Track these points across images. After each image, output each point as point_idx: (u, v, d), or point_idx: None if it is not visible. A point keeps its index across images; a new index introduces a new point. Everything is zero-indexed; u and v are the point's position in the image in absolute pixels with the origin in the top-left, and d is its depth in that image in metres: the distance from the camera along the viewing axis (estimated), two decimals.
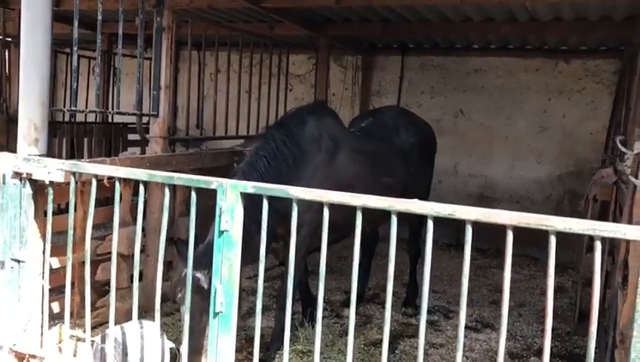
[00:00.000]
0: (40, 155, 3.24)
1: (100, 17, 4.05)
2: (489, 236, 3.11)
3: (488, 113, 8.33)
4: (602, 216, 4.81)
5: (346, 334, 2.48)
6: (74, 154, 7.60)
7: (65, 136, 7.58)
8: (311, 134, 4.20)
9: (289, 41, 7.89)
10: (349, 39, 8.24)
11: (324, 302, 2.58)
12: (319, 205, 2.48)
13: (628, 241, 2.99)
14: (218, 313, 2.60)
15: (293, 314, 2.79)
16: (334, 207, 2.47)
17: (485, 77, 8.36)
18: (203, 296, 3.03)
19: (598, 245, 1.90)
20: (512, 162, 8.27)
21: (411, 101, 8.62)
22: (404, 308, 5.40)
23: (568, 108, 7.98)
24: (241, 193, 2.57)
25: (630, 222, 3.30)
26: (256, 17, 7.17)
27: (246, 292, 5.32)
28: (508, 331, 2.73)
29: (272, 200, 2.59)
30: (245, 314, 4.84)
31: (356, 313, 2.68)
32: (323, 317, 2.57)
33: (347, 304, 4.20)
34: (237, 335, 2.75)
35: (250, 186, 2.57)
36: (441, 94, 8.60)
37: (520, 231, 2.06)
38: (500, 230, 2.10)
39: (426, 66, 8.70)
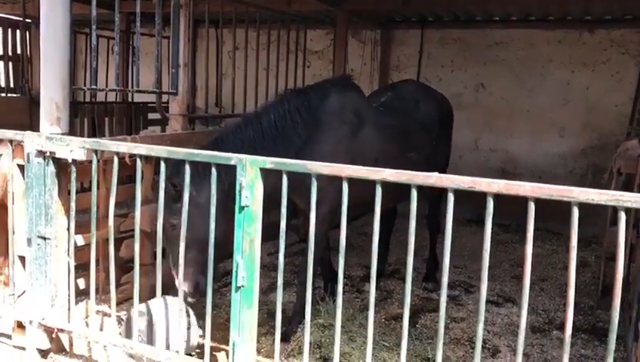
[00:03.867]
0: (62, 134, 3.28)
1: None
2: (510, 211, 3.08)
3: (509, 86, 8.20)
4: (627, 190, 4.71)
5: (367, 308, 2.49)
6: (95, 133, 7.68)
7: (86, 116, 7.66)
8: (332, 108, 4.13)
9: (306, 17, 7.81)
10: (367, 13, 8.12)
11: (344, 277, 2.59)
12: (340, 181, 2.46)
13: None
14: (240, 287, 2.63)
15: (314, 289, 2.81)
16: (354, 183, 2.45)
17: (506, 49, 8.20)
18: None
19: (622, 215, 1.88)
20: (534, 136, 8.14)
21: (431, 75, 8.51)
22: (425, 282, 5.40)
23: (592, 80, 7.80)
24: (260, 169, 2.58)
25: None
26: None
27: (267, 268, 5.37)
28: (530, 305, 2.72)
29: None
30: (267, 289, 4.90)
31: (377, 288, 2.69)
32: (344, 292, 2.59)
33: (367, 279, 4.21)
34: (259, 310, 2.78)
35: (269, 162, 2.57)
36: (462, 68, 8.47)
37: (542, 205, 2.03)
38: (521, 205, 2.08)
39: (445, 40, 8.56)
